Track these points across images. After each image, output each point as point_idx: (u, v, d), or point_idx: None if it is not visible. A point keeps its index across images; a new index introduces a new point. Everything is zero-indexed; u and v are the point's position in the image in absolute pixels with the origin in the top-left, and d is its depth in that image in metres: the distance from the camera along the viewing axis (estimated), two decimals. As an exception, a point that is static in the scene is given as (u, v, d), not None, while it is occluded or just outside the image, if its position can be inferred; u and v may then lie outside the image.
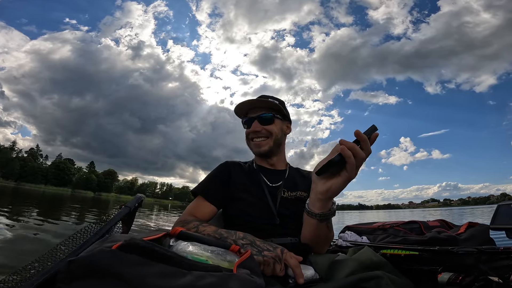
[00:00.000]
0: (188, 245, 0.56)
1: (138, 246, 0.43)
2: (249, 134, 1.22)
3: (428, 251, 0.97)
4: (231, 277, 0.47)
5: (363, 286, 0.63)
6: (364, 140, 0.69)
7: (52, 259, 0.64)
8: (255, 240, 0.81)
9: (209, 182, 1.19)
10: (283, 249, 0.78)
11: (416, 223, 1.32)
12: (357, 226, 1.51)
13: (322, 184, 0.74)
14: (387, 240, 1.25)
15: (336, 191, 0.74)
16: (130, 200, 0.90)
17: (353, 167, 0.69)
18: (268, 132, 1.20)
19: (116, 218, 0.79)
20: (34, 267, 0.61)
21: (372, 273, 0.66)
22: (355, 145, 0.68)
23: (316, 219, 0.81)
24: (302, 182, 1.24)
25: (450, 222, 1.35)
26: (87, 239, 0.68)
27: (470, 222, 1.19)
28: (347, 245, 1.31)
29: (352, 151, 0.67)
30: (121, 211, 0.83)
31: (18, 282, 0.57)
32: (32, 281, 0.52)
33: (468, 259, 0.87)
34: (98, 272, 0.38)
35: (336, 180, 0.72)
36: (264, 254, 0.75)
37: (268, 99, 1.21)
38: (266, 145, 1.20)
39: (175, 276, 0.42)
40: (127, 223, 0.87)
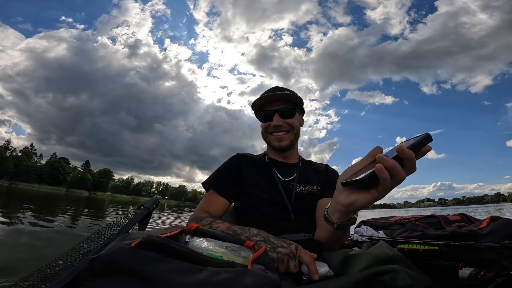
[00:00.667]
0: (203, 241, 0.57)
1: (155, 243, 0.45)
2: (268, 127, 1.19)
3: (449, 246, 0.94)
4: (246, 272, 0.47)
5: (379, 279, 0.63)
6: (410, 159, 0.54)
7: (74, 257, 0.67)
8: (269, 236, 0.82)
9: (221, 175, 1.18)
10: (297, 245, 0.78)
11: (435, 217, 1.29)
12: (373, 221, 1.48)
13: (346, 196, 0.64)
14: (404, 235, 1.22)
15: (359, 208, 0.63)
16: (148, 201, 0.94)
17: (387, 189, 0.55)
18: (289, 126, 1.18)
19: (136, 219, 0.83)
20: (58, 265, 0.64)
21: (388, 267, 0.65)
22: (395, 166, 0.53)
23: (333, 227, 0.72)
24: (314, 175, 1.23)
25: (471, 216, 1.31)
26: (110, 238, 0.72)
27: (492, 216, 1.14)
28: (362, 240, 1.29)
29: (391, 172, 0.53)
30: (140, 212, 0.87)
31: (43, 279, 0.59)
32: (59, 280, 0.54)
33: (490, 254, 0.84)
34: (119, 269, 0.39)
35: (363, 196, 0.60)
36: (278, 251, 0.75)
37: (286, 92, 1.18)
38: (288, 139, 1.19)
39: (191, 272, 0.43)
40: (143, 223, 0.90)
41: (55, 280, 0.56)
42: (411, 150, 0.53)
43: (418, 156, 0.55)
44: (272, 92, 1.18)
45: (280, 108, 1.16)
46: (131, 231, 0.80)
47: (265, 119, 1.20)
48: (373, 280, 0.63)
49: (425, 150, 0.55)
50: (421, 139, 0.54)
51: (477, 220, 1.25)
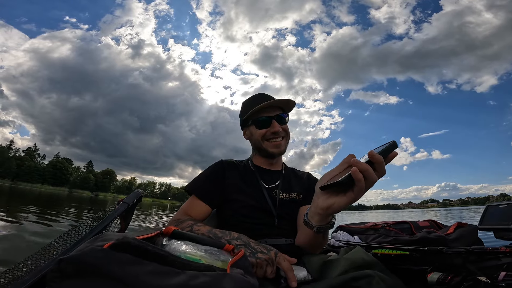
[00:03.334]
0: (181, 244, 0.55)
1: (130, 245, 0.42)
2: (266, 134, 1.17)
3: (418, 251, 0.98)
4: (224, 276, 0.46)
5: (355, 285, 0.64)
6: (379, 163, 0.60)
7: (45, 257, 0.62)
8: (249, 241, 0.81)
9: (203, 181, 1.16)
10: (277, 252, 0.78)
11: (406, 223, 1.35)
12: (349, 226, 1.52)
13: (324, 200, 0.68)
14: (378, 240, 1.27)
15: (337, 210, 0.68)
16: (128, 195, 0.89)
17: (362, 190, 0.61)
18: (285, 132, 1.20)
19: (113, 215, 0.78)
20: (27, 265, 0.60)
21: (363, 272, 0.66)
22: (368, 168, 0.60)
23: (313, 231, 0.76)
24: (297, 183, 1.24)
25: (440, 223, 1.38)
26: (82, 237, 0.67)
27: (459, 222, 1.21)
28: (339, 245, 1.32)
29: (364, 174, 0.59)
30: (119, 207, 0.81)
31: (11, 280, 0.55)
32: (24, 280, 0.50)
33: (456, 259, 0.89)
34: (89, 271, 0.37)
35: (340, 199, 0.65)
36: (257, 256, 0.75)
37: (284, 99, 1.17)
38: (284, 145, 1.20)
39: (168, 275, 0.41)
40: (125, 219, 0.85)
41: (19, 280, 0.51)
42: (381, 156, 0.60)
43: (387, 161, 0.62)
44: (262, 100, 1.18)
45: (278, 114, 1.18)
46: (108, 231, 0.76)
47: (261, 126, 1.18)
48: (349, 285, 0.64)
49: (391, 155, 0.62)
50: (389, 146, 0.62)
51: (445, 226, 1.32)
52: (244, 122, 1.25)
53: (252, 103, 1.20)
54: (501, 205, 1.02)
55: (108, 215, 0.77)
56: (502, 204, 1.02)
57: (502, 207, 1.01)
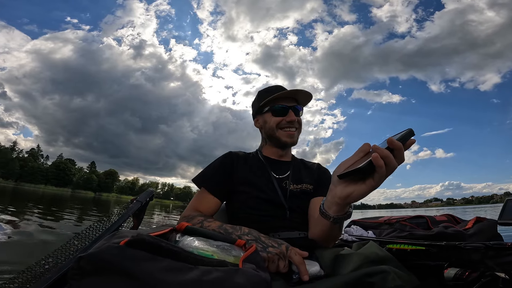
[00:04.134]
0: (194, 240, 0.56)
1: (144, 241, 0.44)
2: (281, 122, 1.19)
3: (435, 246, 0.96)
4: (237, 271, 0.47)
5: (369, 281, 0.63)
6: (399, 149, 0.60)
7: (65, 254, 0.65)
8: (260, 236, 0.81)
9: (212, 173, 1.16)
10: (288, 245, 0.78)
11: (423, 218, 1.32)
12: (363, 221, 1.50)
13: (342, 188, 0.66)
14: (393, 235, 1.24)
15: (357, 199, 0.66)
16: (141, 194, 0.91)
17: (383, 177, 0.60)
18: (299, 124, 1.22)
19: (128, 213, 0.80)
20: (48, 263, 0.62)
21: (378, 268, 0.65)
22: (389, 154, 0.59)
23: (330, 222, 0.74)
24: (307, 174, 1.23)
25: (458, 217, 1.34)
26: (100, 234, 0.69)
27: (478, 217, 1.18)
28: (352, 240, 1.31)
29: (385, 161, 0.59)
30: (133, 206, 0.84)
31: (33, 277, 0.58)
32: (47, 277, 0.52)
33: (474, 255, 0.86)
34: (107, 268, 0.38)
35: (360, 187, 0.63)
36: (268, 251, 0.75)
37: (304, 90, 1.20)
38: (296, 136, 1.22)
39: (182, 271, 0.42)
40: (138, 217, 0.87)
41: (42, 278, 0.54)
42: (400, 143, 0.60)
43: (405, 148, 0.62)
44: (280, 90, 1.21)
45: (295, 105, 1.20)
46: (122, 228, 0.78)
47: (278, 114, 1.18)
48: (363, 281, 0.63)
49: (410, 142, 0.62)
50: (406, 133, 0.62)
51: (463, 220, 1.28)
52: (259, 109, 1.25)
53: (270, 91, 1.22)
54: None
55: (123, 213, 0.79)
56: (523, 198, 0.98)
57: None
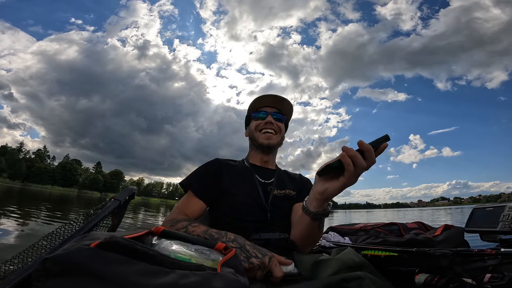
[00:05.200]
0: (171, 244, 0.55)
1: (118, 244, 0.42)
2: (260, 124, 1.26)
3: (406, 252, 1.00)
4: (215, 276, 0.46)
5: (345, 286, 0.64)
6: (367, 151, 0.69)
7: (33, 255, 0.60)
8: (245, 243, 0.79)
9: (200, 178, 1.18)
10: (271, 256, 0.76)
11: (395, 225, 1.37)
12: (340, 227, 1.53)
13: (321, 185, 0.77)
14: (368, 241, 1.28)
15: (331, 194, 0.75)
16: (120, 193, 0.87)
17: (351, 174, 0.70)
18: (278, 128, 1.28)
19: (104, 212, 0.75)
20: (14, 263, 0.58)
21: (354, 274, 0.67)
22: (356, 154, 0.68)
23: (310, 217, 0.83)
24: (290, 182, 1.29)
25: (428, 224, 1.41)
26: (71, 235, 0.65)
27: (446, 224, 1.24)
28: (330, 246, 1.33)
29: (353, 160, 0.68)
30: (110, 204, 0.79)
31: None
32: (10, 279, 0.48)
33: (443, 261, 0.90)
34: (75, 271, 0.36)
35: (334, 184, 0.74)
36: (251, 261, 0.73)
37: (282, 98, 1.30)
38: (275, 139, 1.27)
39: (157, 275, 0.40)
40: (118, 216, 0.83)
41: (5, 279, 0.49)
42: (371, 146, 0.69)
43: (378, 152, 0.70)
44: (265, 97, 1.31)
45: (274, 111, 1.29)
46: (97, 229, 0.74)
47: (257, 119, 1.29)
48: (340, 286, 0.64)
49: (383, 146, 0.70)
50: (380, 138, 0.70)
51: (433, 228, 1.34)
52: (247, 121, 1.36)
53: (255, 101, 1.32)
54: (487, 207, 1.05)
55: (99, 212, 0.75)
56: (489, 207, 1.04)
57: (488, 209, 1.04)
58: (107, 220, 0.79)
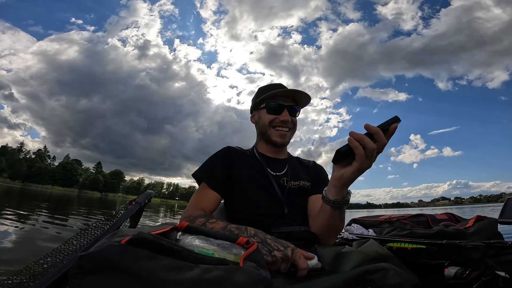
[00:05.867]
0: (194, 239, 0.57)
1: (146, 240, 0.44)
2: (274, 121, 1.17)
3: (435, 245, 0.96)
4: (237, 270, 0.47)
5: (369, 278, 0.63)
6: (375, 133, 0.69)
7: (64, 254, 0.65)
8: (266, 238, 0.79)
9: (212, 167, 1.14)
10: (294, 248, 0.75)
11: (423, 216, 1.32)
12: (363, 219, 1.50)
13: (337, 172, 0.78)
14: (393, 233, 1.25)
15: (348, 179, 0.76)
16: (140, 196, 0.92)
17: (362, 157, 0.70)
18: (293, 124, 1.21)
19: (127, 214, 0.81)
20: (47, 262, 0.62)
21: (378, 265, 0.66)
22: (364, 137, 0.69)
23: (330, 206, 0.83)
24: (303, 171, 1.24)
25: (458, 216, 1.34)
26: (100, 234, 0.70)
27: (478, 215, 1.17)
28: (353, 238, 1.31)
29: (360, 142, 0.69)
30: (132, 207, 0.85)
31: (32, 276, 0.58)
32: (47, 277, 0.53)
33: (475, 253, 0.86)
34: (108, 267, 0.39)
35: (348, 168, 0.75)
36: (273, 255, 0.72)
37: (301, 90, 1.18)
38: (289, 137, 1.22)
39: (182, 269, 0.42)
40: (135, 218, 0.88)
41: (42, 277, 0.54)
42: (379, 128, 0.69)
43: (389, 133, 0.71)
44: (280, 88, 1.19)
45: (292, 105, 1.18)
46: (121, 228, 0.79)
47: (272, 112, 1.17)
48: (363, 278, 0.63)
49: (393, 127, 0.71)
50: (390, 120, 0.71)
51: (464, 219, 1.28)
52: (256, 105, 1.24)
53: (270, 88, 1.21)
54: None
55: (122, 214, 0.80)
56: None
57: (524, 199, 0.97)
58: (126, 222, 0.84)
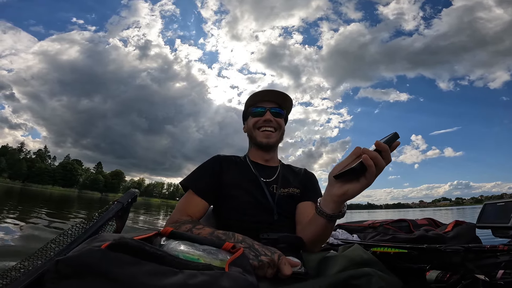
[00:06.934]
0: (179, 244, 0.55)
1: (128, 245, 0.42)
2: (258, 122, 1.21)
3: (417, 249, 0.99)
4: (222, 275, 0.46)
5: (354, 283, 0.64)
6: (385, 151, 0.69)
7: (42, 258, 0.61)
8: (253, 243, 0.79)
9: (200, 175, 1.14)
10: (280, 254, 0.75)
11: (405, 222, 1.35)
12: (348, 224, 1.52)
13: (338, 187, 0.76)
14: (377, 238, 1.27)
15: (352, 196, 0.75)
16: (123, 195, 0.88)
17: (373, 175, 0.70)
18: (278, 125, 1.23)
19: (108, 215, 0.77)
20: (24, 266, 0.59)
21: (362, 270, 0.66)
22: (377, 155, 0.69)
23: (326, 219, 0.82)
24: (294, 178, 1.25)
25: (438, 221, 1.39)
26: (78, 237, 0.66)
27: (457, 220, 1.22)
28: (338, 243, 1.32)
29: (374, 161, 0.68)
30: (113, 207, 0.80)
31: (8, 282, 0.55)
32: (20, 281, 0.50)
33: (455, 257, 0.89)
34: (87, 272, 0.37)
35: (354, 185, 0.73)
36: (260, 259, 0.72)
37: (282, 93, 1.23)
38: (275, 137, 1.23)
39: (166, 275, 0.41)
40: (121, 219, 0.84)
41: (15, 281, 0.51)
42: (387, 145, 0.70)
43: (391, 150, 0.71)
44: (264, 92, 1.24)
45: (272, 107, 1.22)
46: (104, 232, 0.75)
47: (256, 115, 1.22)
48: (348, 283, 0.63)
49: (395, 144, 0.72)
50: (392, 136, 0.72)
51: (443, 224, 1.32)
52: (244, 115, 1.29)
53: (253, 95, 1.25)
54: (498, 203, 1.03)
55: (103, 215, 0.76)
56: (500, 202, 1.02)
57: (499, 205, 1.01)
58: (111, 223, 0.80)
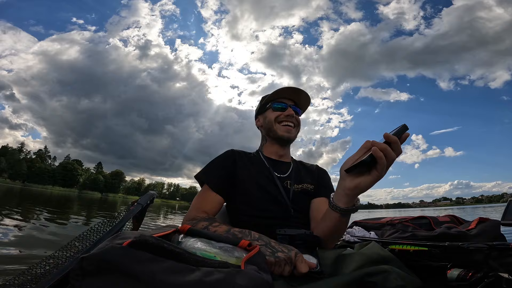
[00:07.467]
0: (196, 242, 0.57)
1: (147, 242, 0.44)
2: (280, 116, 1.23)
3: (438, 247, 0.96)
4: (238, 273, 0.47)
5: (370, 280, 0.63)
6: (395, 142, 0.70)
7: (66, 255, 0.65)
8: (270, 241, 0.79)
9: (215, 170, 1.15)
10: (297, 252, 0.75)
11: (425, 219, 1.31)
12: (365, 222, 1.50)
13: (350, 181, 0.76)
14: (395, 235, 1.24)
15: (364, 189, 0.76)
16: (142, 197, 0.91)
17: (384, 167, 0.70)
18: (297, 122, 1.26)
19: (130, 215, 0.81)
20: (49, 263, 0.63)
21: (380, 268, 0.65)
22: (387, 147, 0.69)
23: (339, 213, 0.83)
24: (307, 174, 1.25)
25: (461, 218, 1.34)
26: (102, 236, 0.70)
27: (481, 217, 1.17)
28: (354, 240, 1.31)
29: (384, 153, 0.69)
30: (134, 208, 0.84)
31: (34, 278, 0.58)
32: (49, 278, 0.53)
33: (478, 255, 0.86)
34: (109, 269, 0.39)
35: (366, 178, 0.74)
36: (277, 256, 0.72)
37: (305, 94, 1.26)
38: (294, 133, 1.25)
39: (183, 272, 0.42)
40: (138, 219, 0.88)
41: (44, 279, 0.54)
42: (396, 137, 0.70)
43: (401, 141, 0.72)
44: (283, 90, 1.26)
45: (293, 105, 1.26)
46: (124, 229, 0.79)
47: (278, 109, 1.24)
48: (364, 280, 0.63)
49: (405, 136, 0.72)
50: (401, 128, 0.72)
51: (466, 221, 1.27)
52: (261, 108, 1.31)
53: (278, 91, 1.27)
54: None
55: (124, 215, 0.80)
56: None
57: (527, 201, 0.97)
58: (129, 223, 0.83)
